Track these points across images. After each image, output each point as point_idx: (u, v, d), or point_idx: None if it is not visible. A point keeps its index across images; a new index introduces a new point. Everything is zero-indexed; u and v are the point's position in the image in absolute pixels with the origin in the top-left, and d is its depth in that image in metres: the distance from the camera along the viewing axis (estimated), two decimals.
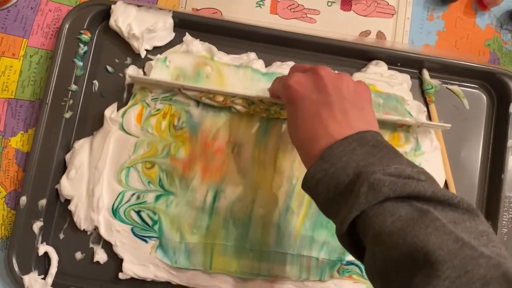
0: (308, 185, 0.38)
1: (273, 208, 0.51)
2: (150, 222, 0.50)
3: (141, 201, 0.51)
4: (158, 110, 0.51)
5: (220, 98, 0.50)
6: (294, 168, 0.51)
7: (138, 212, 0.51)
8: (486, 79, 0.55)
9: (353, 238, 0.36)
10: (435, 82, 0.55)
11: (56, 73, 0.52)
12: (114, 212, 0.50)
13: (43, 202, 0.50)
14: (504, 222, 0.52)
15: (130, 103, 0.52)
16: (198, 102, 0.52)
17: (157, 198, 0.51)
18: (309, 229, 0.51)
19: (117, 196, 0.51)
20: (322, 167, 0.36)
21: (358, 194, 0.33)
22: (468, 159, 0.54)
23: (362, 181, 0.33)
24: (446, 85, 0.55)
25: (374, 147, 0.36)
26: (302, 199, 0.51)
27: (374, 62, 0.54)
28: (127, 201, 0.51)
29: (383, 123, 0.52)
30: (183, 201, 0.50)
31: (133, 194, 0.51)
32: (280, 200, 0.51)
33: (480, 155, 0.55)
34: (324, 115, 0.38)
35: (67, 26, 0.52)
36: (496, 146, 0.54)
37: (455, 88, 0.55)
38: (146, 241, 0.50)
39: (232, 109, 0.50)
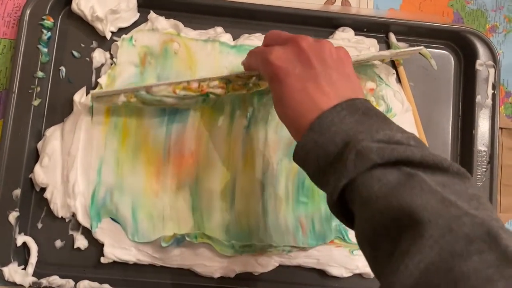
0: (298, 157, 0.37)
1: (252, 201, 0.51)
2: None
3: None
4: None
5: (195, 85, 0.46)
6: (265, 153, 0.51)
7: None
8: (452, 39, 0.56)
9: (343, 207, 0.35)
10: (402, 45, 0.55)
11: (20, 61, 0.51)
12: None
13: (17, 192, 0.50)
14: (478, 176, 0.53)
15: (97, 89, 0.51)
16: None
17: None
18: (291, 212, 0.51)
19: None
20: (311, 138, 0.35)
21: (346, 162, 0.33)
22: (440, 118, 0.55)
23: (350, 149, 0.33)
24: (413, 47, 0.56)
25: (364, 115, 0.35)
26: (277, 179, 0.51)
27: (341, 28, 0.55)
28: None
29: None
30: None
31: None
32: (257, 189, 0.51)
33: (451, 113, 0.55)
34: (311, 90, 0.37)
35: (28, 12, 0.51)
36: (465, 103, 0.55)
37: (422, 49, 0.56)
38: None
39: (209, 95, 0.47)
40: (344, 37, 0.54)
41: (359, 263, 0.51)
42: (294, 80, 0.38)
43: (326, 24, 0.55)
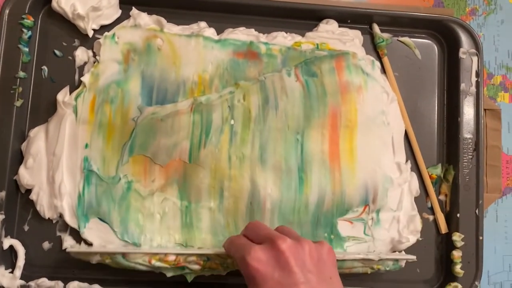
0: None
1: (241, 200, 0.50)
2: None
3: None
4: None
5: (172, 258, 0.46)
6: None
7: None
8: (434, 28, 0.56)
9: None
10: (385, 35, 0.55)
11: (1, 61, 0.50)
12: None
13: (2, 194, 0.49)
14: (464, 163, 0.53)
15: (81, 87, 0.51)
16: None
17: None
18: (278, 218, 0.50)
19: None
20: None
21: None
22: (425, 107, 0.56)
23: None
24: (397, 37, 0.56)
25: None
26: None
27: (325, 21, 0.55)
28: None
29: None
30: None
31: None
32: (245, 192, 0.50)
33: (436, 102, 0.56)
34: None
35: (7, 12, 0.51)
36: (450, 92, 0.55)
37: (405, 39, 0.56)
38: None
39: (185, 269, 0.47)
40: (328, 29, 0.54)
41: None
42: (272, 286, 0.36)
43: (309, 16, 0.55)
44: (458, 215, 0.52)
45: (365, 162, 0.51)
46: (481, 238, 0.52)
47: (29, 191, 0.50)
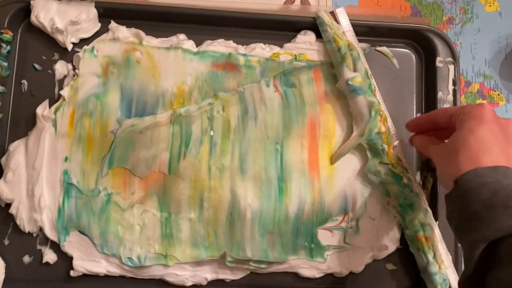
0: (467, 180, 0.38)
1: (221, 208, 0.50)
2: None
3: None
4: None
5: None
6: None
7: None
8: (412, 37, 0.57)
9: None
10: (363, 45, 0.56)
11: None
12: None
13: None
14: None
15: (60, 101, 0.51)
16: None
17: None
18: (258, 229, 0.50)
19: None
20: (494, 176, 0.37)
21: None
22: (404, 115, 0.56)
23: None
24: (375, 47, 0.57)
25: None
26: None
27: (303, 32, 0.55)
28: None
29: None
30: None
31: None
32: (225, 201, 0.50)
33: (414, 110, 0.56)
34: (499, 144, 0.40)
35: None
36: (428, 100, 0.56)
37: (383, 49, 0.57)
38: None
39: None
40: (306, 40, 0.54)
41: (331, 263, 0.51)
42: (489, 130, 0.40)
43: (288, 28, 0.55)
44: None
45: (344, 171, 0.52)
46: (459, 245, 0.52)
47: (8, 205, 0.50)
